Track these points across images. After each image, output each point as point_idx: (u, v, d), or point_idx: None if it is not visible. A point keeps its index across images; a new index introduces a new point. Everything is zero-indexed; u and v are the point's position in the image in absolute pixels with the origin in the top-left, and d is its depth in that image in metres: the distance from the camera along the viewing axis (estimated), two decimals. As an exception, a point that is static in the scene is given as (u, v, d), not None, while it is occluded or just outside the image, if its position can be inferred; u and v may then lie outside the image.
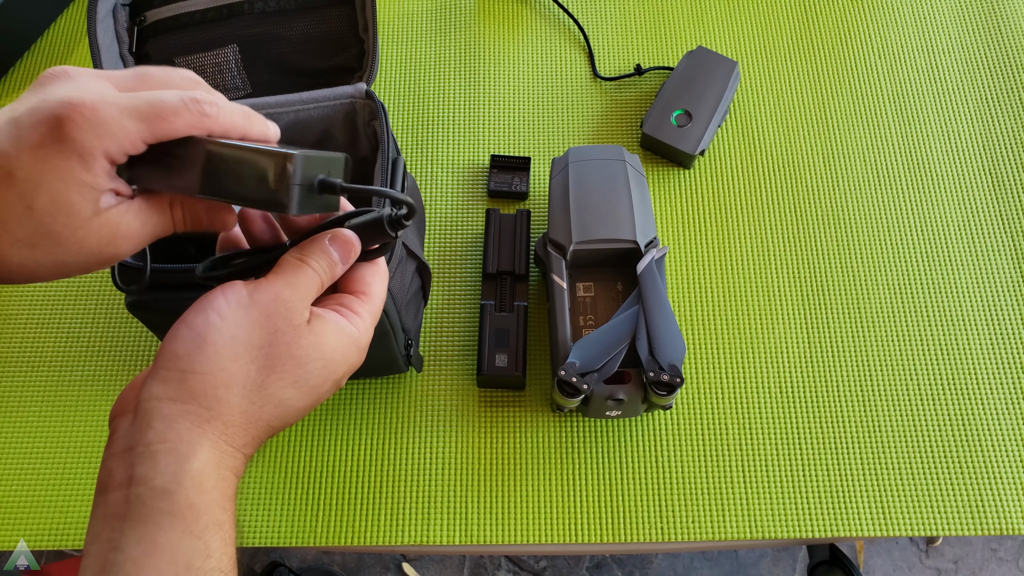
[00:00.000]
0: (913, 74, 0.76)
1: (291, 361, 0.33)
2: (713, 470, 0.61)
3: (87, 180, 0.30)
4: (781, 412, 0.63)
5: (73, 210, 0.30)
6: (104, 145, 0.30)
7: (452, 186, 0.72)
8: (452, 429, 0.62)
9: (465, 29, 0.79)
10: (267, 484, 0.61)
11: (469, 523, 0.60)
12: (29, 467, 0.62)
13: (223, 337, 0.32)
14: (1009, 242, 0.69)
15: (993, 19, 0.79)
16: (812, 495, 0.60)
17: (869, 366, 0.64)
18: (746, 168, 0.72)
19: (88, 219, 0.30)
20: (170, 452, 0.30)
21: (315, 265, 0.35)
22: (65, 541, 0.59)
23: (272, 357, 0.32)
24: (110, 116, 0.30)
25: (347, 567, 1.27)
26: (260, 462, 0.62)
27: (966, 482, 0.60)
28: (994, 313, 0.66)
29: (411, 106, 0.75)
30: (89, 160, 0.30)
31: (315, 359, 0.33)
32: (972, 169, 0.72)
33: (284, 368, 0.33)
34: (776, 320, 0.66)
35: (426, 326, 0.66)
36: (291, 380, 0.33)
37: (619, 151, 0.64)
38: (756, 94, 0.75)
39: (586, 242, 0.60)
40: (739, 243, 0.69)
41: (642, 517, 0.60)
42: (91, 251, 0.31)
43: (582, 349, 0.56)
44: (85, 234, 0.31)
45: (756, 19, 0.79)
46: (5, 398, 0.64)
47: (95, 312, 0.67)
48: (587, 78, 0.77)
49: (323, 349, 0.34)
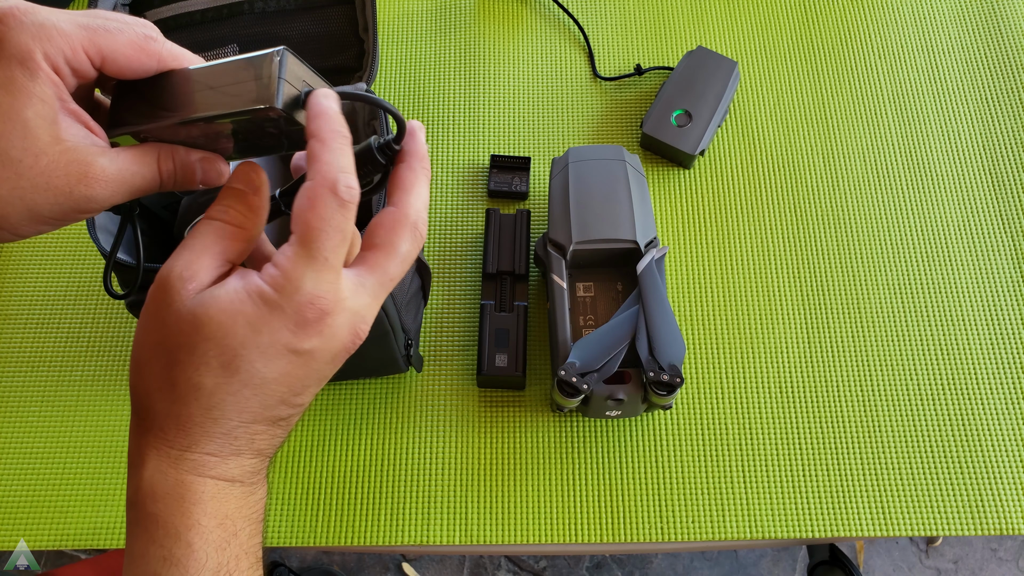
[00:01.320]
0: (913, 74, 0.76)
1: (182, 351, 0.29)
2: (713, 470, 0.61)
3: (34, 90, 0.29)
4: (781, 412, 0.63)
5: (28, 129, 0.29)
6: (43, 47, 0.29)
7: (452, 186, 0.72)
8: (452, 429, 0.62)
9: (465, 29, 0.79)
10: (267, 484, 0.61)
11: (469, 523, 0.60)
12: (29, 467, 0.62)
13: (136, 349, 0.31)
14: (1009, 242, 0.69)
15: (993, 19, 0.79)
16: (812, 495, 0.60)
17: (869, 366, 0.64)
18: (746, 168, 0.72)
19: (49, 145, 0.29)
20: (130, 466, 0.31)
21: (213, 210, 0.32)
22: (65, 541, 0.59)
23: (168, 351, 0.29)
24: (47, 19, 0.29)
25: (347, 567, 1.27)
26: (260, 462, 0.62)
27: (966, 482, 0.60)
28: (994, 313, 0.66)
29: (411, 106, 0.75)
30: (30, 65, 0.29)
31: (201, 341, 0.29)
32: (972, 169, 0.72)
33: (179, 360, 0.29)
34: (776, 320, 0.66)
35: (426, 326, 0.66)
36: (192, 368, 0.29)
37: (619, 151, 0.64)
38: (756, 94, 0.75)
39: (586, 242, 0.60)
40: (739, 243, 0.69)
41: (642, 517, 0.60)
42: (61, 190, 0.30)
43: (582, 349, 0.56)
44: (50, 164, 0.29)
45: (756, 19, 0.79)
46: (5, 398, 0.64)
47: (95, 312, 0.67)
48: (587, 78, 0.77)
49: (206, 328, 0.29)
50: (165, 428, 0.30)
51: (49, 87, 0.29)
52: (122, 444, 0.62)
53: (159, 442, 0.30)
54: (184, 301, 0.29)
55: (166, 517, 0.30)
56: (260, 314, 0.29)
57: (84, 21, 0.30)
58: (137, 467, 0.31)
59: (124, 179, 0.32)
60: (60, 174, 0.30)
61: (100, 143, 0.32)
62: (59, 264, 0.69)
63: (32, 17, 0.29)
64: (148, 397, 0.30)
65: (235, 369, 0.29)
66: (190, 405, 0.30)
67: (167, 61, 0.33)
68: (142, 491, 0.30)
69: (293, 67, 0.31)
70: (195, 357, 0.29)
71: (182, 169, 0.34)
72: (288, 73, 0.31)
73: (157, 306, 0.30)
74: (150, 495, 0.30)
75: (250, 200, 0.32)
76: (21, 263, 0.69)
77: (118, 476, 0.61)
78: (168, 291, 0.30)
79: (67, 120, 0.30)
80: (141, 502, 0.30)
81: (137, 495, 0.30)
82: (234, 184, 0.32)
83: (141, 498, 0.30)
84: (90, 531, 0.60)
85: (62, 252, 0.70)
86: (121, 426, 0.63)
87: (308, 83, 0.32)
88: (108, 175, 0.31)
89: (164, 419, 0.30)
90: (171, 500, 0.30)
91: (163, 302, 0.30)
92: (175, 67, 0.33)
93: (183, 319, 0.29)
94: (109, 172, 0.31)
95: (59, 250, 0.70)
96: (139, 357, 0.31)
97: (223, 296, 0.29)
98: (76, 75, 0.31)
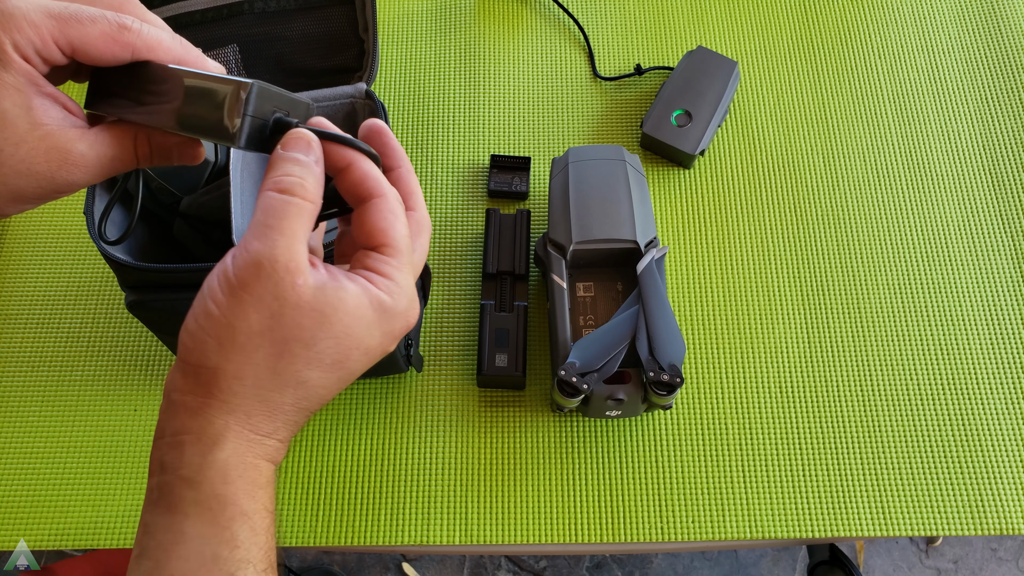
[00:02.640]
0: (913, 74, 0.76)
1: (298, 344, 0.30)
2: (713, 470, 0.61)
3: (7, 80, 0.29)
4: (781, 412, 0.63)
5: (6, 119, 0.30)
6: (12, 37, 0.29)
7: (452, 186, 0.72)
8: (452, 429, 0.62)
9: (465, 29, 0.79)
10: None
11: (469, 523, 0.60)
12: (29, 467, 0.62)
13: (222, 329, 0.30)
14: (1009, 242, 0.69)
15: (993, 19, 0.79)
16: (812, 495, 0.60)
17: (869, 366, 0.64)
18: (746, 168, 0.72)
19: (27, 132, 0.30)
20: (195, 443, 0.30)
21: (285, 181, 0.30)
22: (65, 541, 0.59)
23: (277, 342, 0.30)
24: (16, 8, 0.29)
25: (347, 567, 1.27)
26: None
27: (966, 482, 0.60)
28: (994, 313, 0.66)
29: (411, 106, 0.75)
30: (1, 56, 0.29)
31: (324, 338, 0.30)
32: (972, 169, 0.72)
33: (292, 352, 0.30)
34: (776, 320, 0.66)
35: (426, 326, 0.66)
36: (304, 362, 0.30)
37: (619, 151, 0.64)
38: (756, 94, 0.75)
39: (586, 242, 0.60)
40: (739, 243, 0.69)
41: (642, 517, 0.60)
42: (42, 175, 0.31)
43: (582, 349, 0.56)
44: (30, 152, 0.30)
45: (756, 19, 0.79)
46: (5, 398, 0.64)
47: (95, 312, 0.67)
48: (587, 78, 0.77)
49: (335, 327, 0.30)
50: (251, 413, 0.30)
51: (21, 76, 0.30)
52: (122, 444, 0.62)
53: (241, 425, 0.30)
54: (302, 296, 0.29)
55: (236, 499, 0.30)
56: (377, 320, 0.31)
57: (56, 10, 0.30)
58: (208, 446, 0.30)
59: (102, 163, 0.33)
60: (40, 160, 0.31)
61: (79, 123, 0.32)
62: (59, 264, 0.69)
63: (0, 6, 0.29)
64: (238, 380, 0.30)
65: (340, 366, 0.31)
66: (287, 395, 0.31)
67: (141, 52, 0.32)
68: (213, 471, 0.29)
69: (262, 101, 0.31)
70: (311, 352, 0.30)
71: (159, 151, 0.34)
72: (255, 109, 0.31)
73: (262, 293, 0.29)
74: (222, 476, 0.29)
75: (316, 172, 0.31)
76: (21, 263, 0.69)
77: (118, 476, 0.61)
78: (278, 283, 0.29)
79: (44, 103, 0.31)
80: (208, 482, 0.29)
81: (202, 474, 0.29)
82: (295, 153, 0.31)
83: (209, 478, 0.29)
84: (90, 531, 0.60)
85: (62, 252, 0.70)
86: (121, 426, 0.63)
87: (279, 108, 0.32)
88: (87, 160, 0.32)
89: (252, 404, 0.30)
90: (244, 483, 0.30)
91: (274, 294, 0.29)
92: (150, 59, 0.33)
93: (304, 314, 0.30)
94: (88, 157, 0.32)
95: (59, 250, 0.70)
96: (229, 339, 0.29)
97: (349, 300, 0.30)
98: (47, 63, 0.31)
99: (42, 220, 0.71)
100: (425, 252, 0.35)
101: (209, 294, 0.30)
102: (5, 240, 0.70)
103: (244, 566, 0.29)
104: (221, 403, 0.30)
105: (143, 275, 0.50)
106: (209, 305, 0.30)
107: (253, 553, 0.30)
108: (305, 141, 0.31)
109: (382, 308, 0.31)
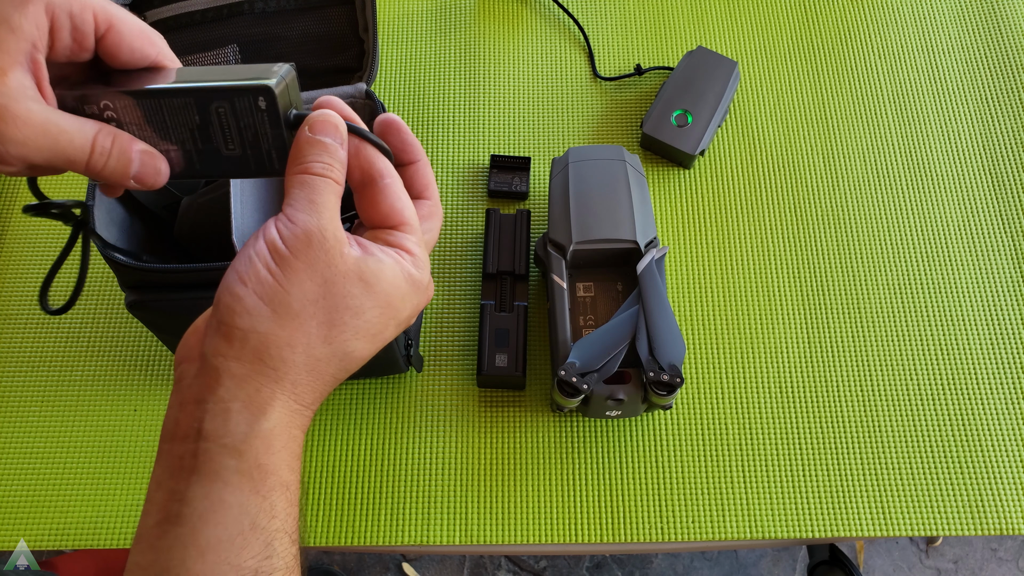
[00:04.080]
0: (913, 74, 0.76)
1: (348, 312, 0.30)
2: (713, 470, 0.61)
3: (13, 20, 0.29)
4: (781, 412, 0.63)
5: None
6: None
7: (452, 186, 0.72)
8: (452, 429, 0.62)
9: (465, 29, 0.79)
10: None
11: (469, 523, 0.60)
12: (29, 467, 0.62)
13: (277, 294, 0.29)
14: (1009, 242, 0.69)
15: (993, 19, 0.79)
16: (812, 495, 0.60)
17: (869, 366, 0.64)
18: (746, 168, 0.72)
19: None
20: (241, 411, 0.29)
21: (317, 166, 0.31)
22: (65, 541, 0.59)
23: (329, 310, 0.30)
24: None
25: (347, 567, 1.27)
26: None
27: (966, 482, 0.60)
28: (994, 313, 0.66)
29: (411, 106, 0.75)
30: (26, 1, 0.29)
31: (370, 307, 0.31)
32: (972, 169, 0.72)
33: (343, 321, 0.30)
34: (776, 320, 0.66)
35: (426, 326, 0.66)
36: (352, 332, 0.31)
37: (619, 151, 0.64)
38: (756, 94, 0.75)
39: (586, 242, 0.60)
40: (739, 243, 0.69)
41: (642, 517, 0.60)
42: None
43: (582, 349, 0.56)
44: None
45: (756, 19, 0.79)
46: (5, 398, 0.64)
47: (95, 312, 0.67)
48: (587, 78, 0.77)
49: (379, 296, 0.31)
50: (298, 383, 0.30)
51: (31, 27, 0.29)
52: (122, 444, 0.62)
53: (287, 395, 0.30)
54: (349, 264, 0.30)
55: (278, 470, 0.30)
56: (409, 291, 0.32)
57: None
58: (255, 415, 0.29)
59: (49, 132, 0.30)
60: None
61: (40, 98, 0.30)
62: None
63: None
64: (290, 349, 0.30)
65: (378, 337, 0.32)
66: (332, 365, 0.31)
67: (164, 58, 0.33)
68: (258, 440, 0.29)
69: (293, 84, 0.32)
70: (359, 321, 0.31)
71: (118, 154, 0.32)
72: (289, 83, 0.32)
73: (314, 262, 0.30)
74: (266, 446, 0.29)
75: (342, 156, 0.32)
76: (21, 263, 0.69)
77: (118, 476, 0.61)
78: (328, 251, 0.30)
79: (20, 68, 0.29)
80: (253, 452, 0.29)
81: (247, 443, 0.29)
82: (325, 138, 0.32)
83: (254, 447, 0.29)
84: (90, 531, 0.60)
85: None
86: (121, 426, 0.63)
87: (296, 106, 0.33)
88: (32, 119, 0.29)
89: (301, 374, 0.30)
90: (286, 454, 0.30)
91: (326, 262, 0.30)
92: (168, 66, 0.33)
93: (352, 283, 0.30)
94: (35, 116, 0.29)
95: (59, 250, 0.69)
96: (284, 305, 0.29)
97: (387, 271, 0.31)
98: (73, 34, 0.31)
99: (42, 220, 0.71)
100: (436, 236, 0.36)
101: (260, 260, 0.30)
102: (5, 240, 0.70)
103: (280, 536, 0.29)
104: (271, 370, 0.30)
105: (143, 275, 0.50)
106: (261, 271, 0.29)
107: (288, 524, 0.30)
108: (333, 125, 0.32)
109: (412, 280, 0.32)
